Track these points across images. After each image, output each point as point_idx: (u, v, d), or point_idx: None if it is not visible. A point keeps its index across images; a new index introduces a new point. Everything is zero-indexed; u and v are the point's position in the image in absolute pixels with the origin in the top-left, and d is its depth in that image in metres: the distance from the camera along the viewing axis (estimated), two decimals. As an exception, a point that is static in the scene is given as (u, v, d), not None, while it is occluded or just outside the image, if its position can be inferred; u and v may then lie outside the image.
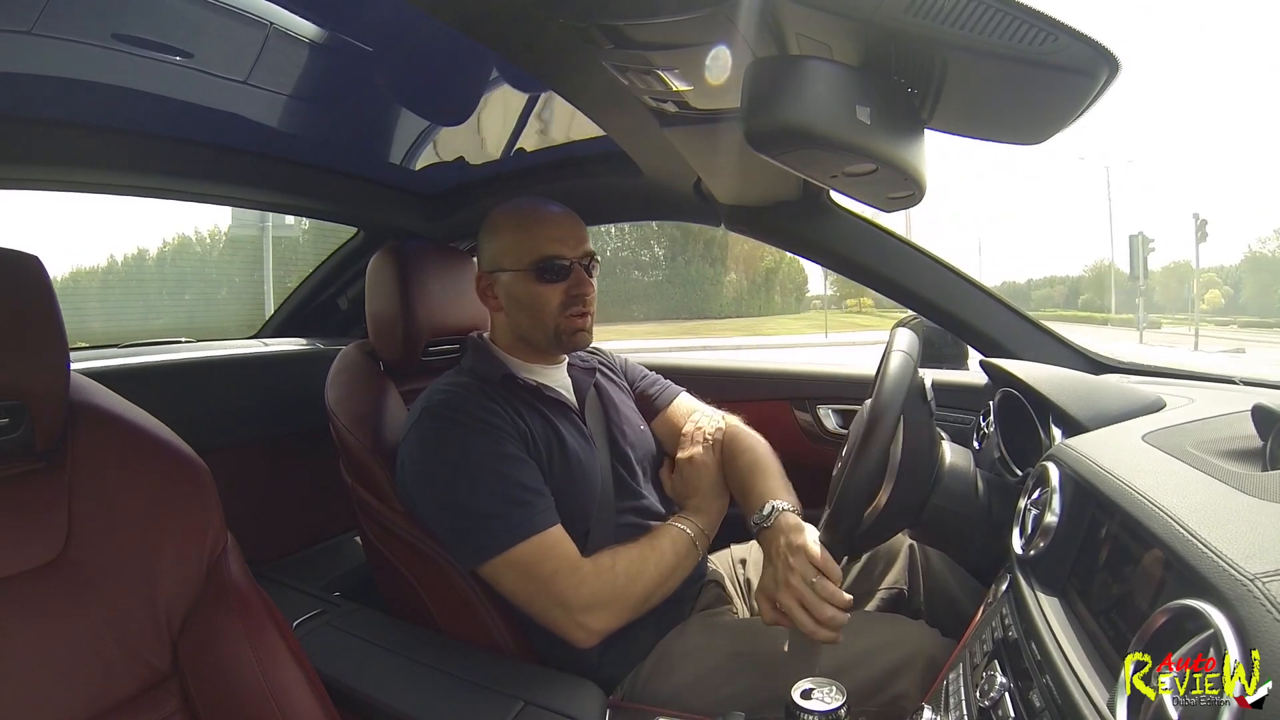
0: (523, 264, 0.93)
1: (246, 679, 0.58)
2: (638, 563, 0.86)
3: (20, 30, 0.76)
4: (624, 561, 0.86)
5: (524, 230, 0.94)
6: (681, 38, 0.62)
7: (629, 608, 0.84)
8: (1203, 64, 29.75)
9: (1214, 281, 36.93)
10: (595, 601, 0.82)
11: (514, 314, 0.95)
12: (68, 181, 1.08)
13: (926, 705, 0.62)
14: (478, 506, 0.82)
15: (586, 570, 0.83)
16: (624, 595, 0.84)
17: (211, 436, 0.74)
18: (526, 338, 0.97)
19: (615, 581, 0.84)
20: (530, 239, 0.93)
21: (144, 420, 0.62)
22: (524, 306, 0.94)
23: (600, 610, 0.82)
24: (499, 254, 0.95)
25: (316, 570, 1.42)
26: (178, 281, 6.49)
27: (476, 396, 0.88)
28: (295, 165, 1.22)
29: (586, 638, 0.82)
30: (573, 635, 0.82)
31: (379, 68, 1.03)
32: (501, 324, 0.99)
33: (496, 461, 0.84)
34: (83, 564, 0.54)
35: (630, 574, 0.85)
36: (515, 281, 0.94)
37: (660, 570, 0.87)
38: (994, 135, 0.68)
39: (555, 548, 0.83)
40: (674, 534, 0.92)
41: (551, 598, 0.81)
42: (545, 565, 0.82)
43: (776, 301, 30.14)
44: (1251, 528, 0.42)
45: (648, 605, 0.87)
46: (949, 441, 0.88)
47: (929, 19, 0.49)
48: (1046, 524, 0.62)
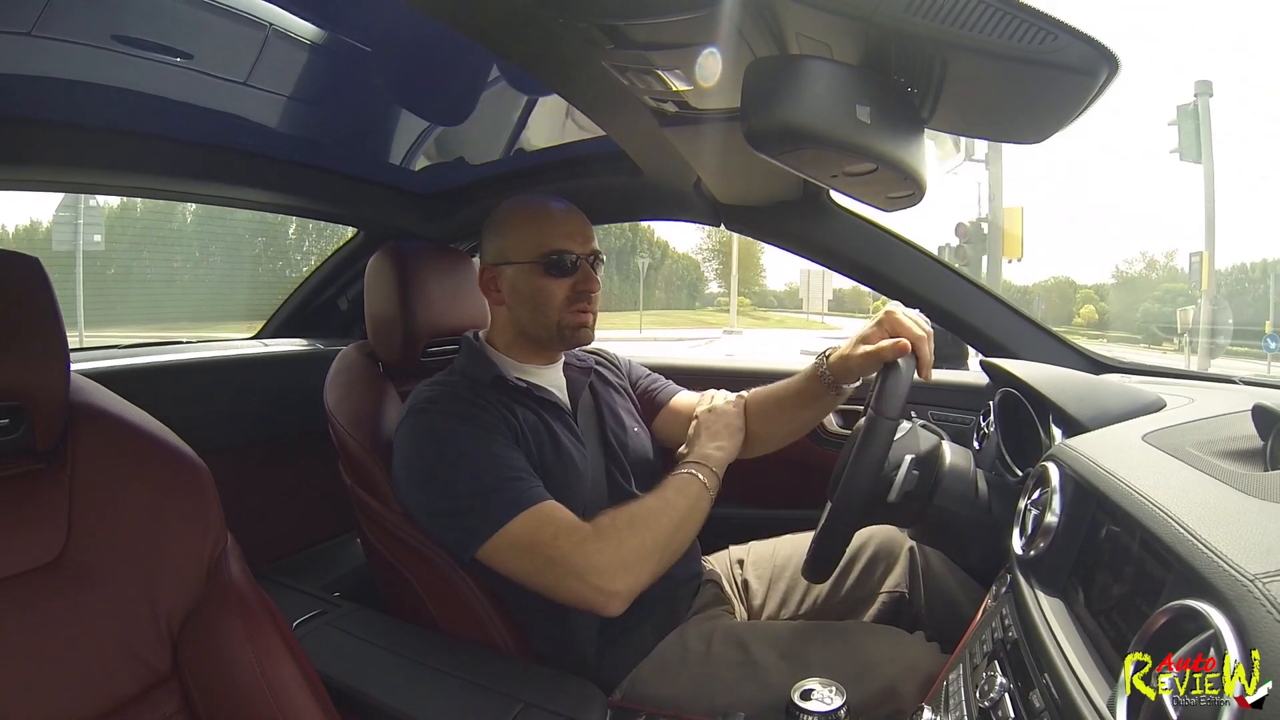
0: (530, 257, 0.92)
1: (246, 679, 0.58)
2: (641, 514, 0.83)
3: (20, 32, 0.76)
4: (624, 515, 0.83)
5: (533, 224, 0.94)
6: (682, 37, 0.62)
7: (644, 560, 0.80)
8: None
9: (1090, 298, 39.78)
10: (607, 562, 0.78)
11: (517, 308, 0.95)
12: (68, 182, 1.08)
13: (926, 705, 0.62)
14: (469, 489, 0.81)
15: (588, 532, 0.79)
16: (636, 550, 0.80)
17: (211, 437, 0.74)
18: (527, 332, 0.96)
19: (621, 537, 0.80)
20: (539, 233, 0.93)
21: (144, 421, 0.62)
22: (527, 300, 0.93)
23: (615, 570, 0.78)
24: (506, 247, 0.94)
25: (316, 571, 1.42)
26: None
27: (462, 393, 0.88)
28: (295, 166, 1.22)
29: (609, 602, 0.78)
30: (596, 603, 0.78)
31: (378, 68, 1.03)
32: (502, 319, 0.98)
33: (485, 445, 0.83)
34: (82, 565, 0.54)
35: (633, 523, 0.81)
36: (521, 274, 0.93)
37: (670, 518, 0.84)
38: (994, 134, 0.68)
39: (553, 514, 0.80)
40: (679, 481, 0.88)
41: (561, 568, 0.77)
42: (544, 532, 0.78)
43: (659, 296, 30.59)
44: (1252, 528, 0.42)
45: (667, 556, 0.83)
46: (949, 442, 0.88)
47: (929, 18, 0.49)
48: (1047, 524, 0.62)
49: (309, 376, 1.17)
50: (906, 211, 0.73)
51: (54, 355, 0.54)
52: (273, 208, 1.44)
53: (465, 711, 0.73)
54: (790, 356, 6.11)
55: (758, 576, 1.06)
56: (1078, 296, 41.51)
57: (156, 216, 7.73)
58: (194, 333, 1.42)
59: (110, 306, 6.55)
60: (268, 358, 1.45)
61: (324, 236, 5.07)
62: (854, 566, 1.01)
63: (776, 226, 1.20)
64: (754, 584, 1.06)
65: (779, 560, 1.07)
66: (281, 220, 6.93)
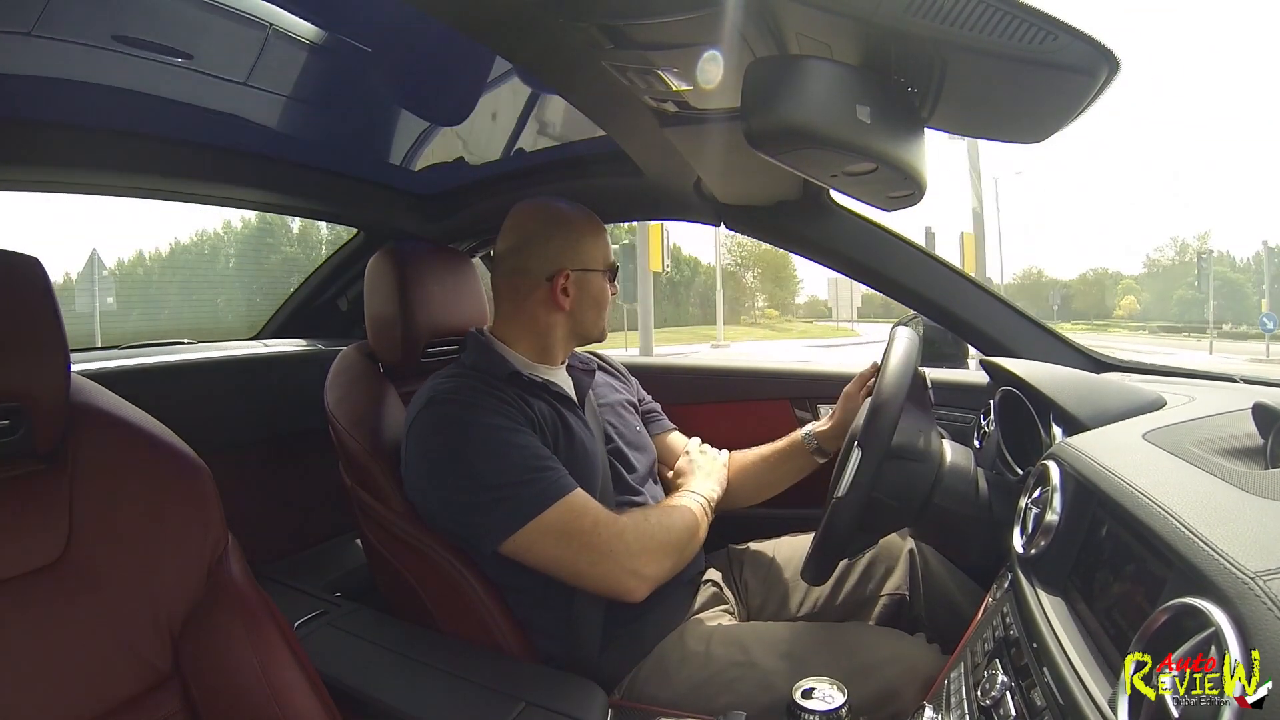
0: (603, 265, 1.00)
1: (247, 680, 0.58)
2: (666, 515, 0.92)
3: (20, 31, 0.76)
4: (654, 513, 0.92)
5: (598, 234, 1.01)
6: (682, 37, 0.62)
7: (671, 552, 0.88)
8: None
9: (1131, 288, 39.39)
10: (641, 547, 0.85)
11: (585, 311, 0.99)
12: (68, 183, 1.08)
13: (928, 704, 0.62)
14: (500, 479, 0.82)
15: (624, 521, 0.86)
16: (665, 542, 0.87)
17: (212, 438, 0.74)
18: (581, 334, 1.01)
19: (651, 529, 0.87)
20: (604, 242, 1.01)
21: (145, 422, 0.62)
22: (596, 304, 1.00)
23: (649, 555, 0.85)
24: (585, 253, 0.98)
25: (317, 571, 1.42)
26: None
27: (481, 386, 0.89)
28: (295, 166, 1.22)
29: (640, 584, 0.84)
30: (626, 585, 0.84)
31: (379, 68, 1.03)
32: (546, 321, 0.98)
33: (511, 435, 0.85)
34: (83, 565, 0.54)
35: (664, 523, 0.89)
36: (597, 280, 0.99)
37: (686, 523, 0.92)
38: (994, 134, 0.68)
39: (588, 503, 0.85)
40: (686, 499, 0.97)
41: (597, 550, 0.82)
42: (584, 520, 0.83)
43: (693, 313, 30.73)
44: (1252, 526, 0.43)
45: (684, 556, 0.91)
46: (950, 440, 0.88)
47: (929, 18, 0.49)
48: (1047, 523, 0.62)
49: (309, 377, 1.17)
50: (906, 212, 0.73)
51: (54, 356, 0.54)
52: (273, 208, 1.44)
53: (467, 711, 0.73)
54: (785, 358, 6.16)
55: (757, 577, 1.06)
56: (1119, 288, 41.17)
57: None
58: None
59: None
60: (268, 358, 1.45)
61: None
62: (854, 568, 1.01)
63: (777, 226, 1.20)
64: (754, 585, 1.06)
65: (779, 561, 1.07)
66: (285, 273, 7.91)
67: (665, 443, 1.17)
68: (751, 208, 1.19)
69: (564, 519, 0.82)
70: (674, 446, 1.16)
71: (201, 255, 12.06)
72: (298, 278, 1.68)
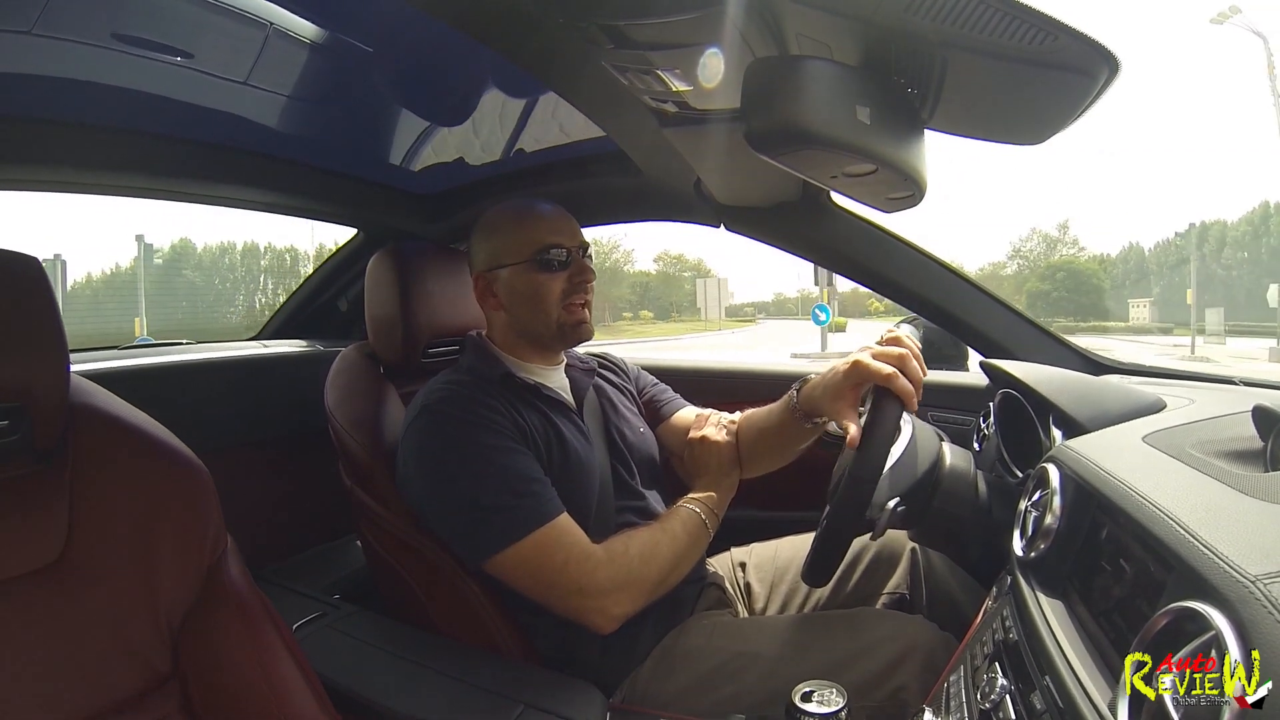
0: (524, 256, 0.94)
1: (246, 681, 0.58)
2: (650, 545, 0.87)
3: (20, 30, 0.76)
4: (637, 544, 0.86)
5: (522, 224, 0.95)
6: (682, 37, 0.62)
7: (646, 590, 0.85)
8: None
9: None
10: (612, 585, 0.82)
11: (516, 309, 0.96)
12: (68, 182, 1.08)
13: (928, 707, 0.62)
14: (484, 500, 0.82)
15: (600, 556, 0.83)
16: (640, 578, 0.84)
17: (211, 438, 0.74)
18: (528, 333, 0.97)
19: (630, 564, 0.84)
20: (529, 231, 0.94)
21: (144, 422, 0.62)
22: (526, 299, 0.94)
23: (618, 593, 0.82)
24: (497, 251, 0.96)
25: (316, 573, 1.41)
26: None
27: (474, 394, 0.88)
28: (295, 166, 1.22)
29: (607, 623, 0.82)
30: (593, 621, 0.82)
31: (379, 68, 1.03)
32: (502, 324, 0.99)
33: (498, 454, 0.84)
34: (83, 566, 0.54)
35: (644, 556, 0.86)
36: (516, 275, 0.94)
37: (674, 551, 0.88)
38: (994, 135, 0.68)
39: (565, 535, 0.83)
40: (684, 515, 0.93)
41: (567, 585, 0.81)
42: (557, 555, 0.81)
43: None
44: (1252, 529, 0.42)
45: (665, 587, 0.88)
46: (949, 443, 0.88)
47: (929, 18, 0.49)
48: (1047, 525, 0.62)
49: (309, 377, 1.17)
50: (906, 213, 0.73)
51: (54, 356, 0.54)
52: (273, 208, 1.44)
53: (466, 713, 0.72)
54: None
55: (760, 579, 1.06)
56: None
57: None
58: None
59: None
60: (268, 359, 1.45)
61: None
62: (855, 569, 1.01)
63: (776, 227, 1.20)
64: (756, 587, 1.06)
65: (780, 563, 1.07)
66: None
67: (677, 425, 1.11)
68: (751, 209, 1.19)
69: (541, 548, 0.81)
70: (687, 427, 1.09)
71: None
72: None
